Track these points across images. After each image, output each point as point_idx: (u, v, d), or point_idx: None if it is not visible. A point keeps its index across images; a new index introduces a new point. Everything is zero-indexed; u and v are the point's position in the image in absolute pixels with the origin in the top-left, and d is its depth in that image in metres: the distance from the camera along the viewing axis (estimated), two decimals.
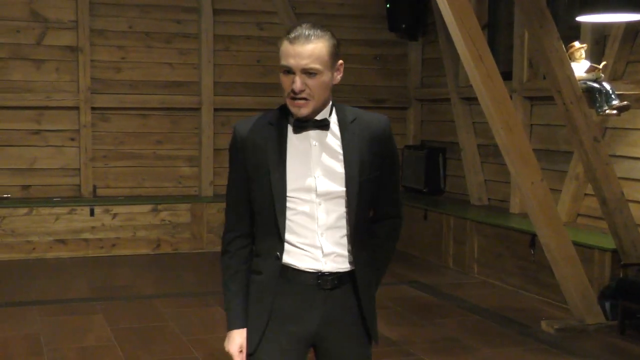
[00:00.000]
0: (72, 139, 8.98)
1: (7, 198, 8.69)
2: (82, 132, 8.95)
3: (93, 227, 8.59)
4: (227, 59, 9.46)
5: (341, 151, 2.51)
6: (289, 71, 2.43)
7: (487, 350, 5.48)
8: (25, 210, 8.43)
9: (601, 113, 5.90)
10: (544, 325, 5.94)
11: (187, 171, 9.39)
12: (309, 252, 2.51)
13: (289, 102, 2.47)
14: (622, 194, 6.07)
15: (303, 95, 2.44)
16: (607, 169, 5.99)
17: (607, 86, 5.86)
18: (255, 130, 2.52)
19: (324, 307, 2.54)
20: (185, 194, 9.33)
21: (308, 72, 2.42)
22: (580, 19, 5.96)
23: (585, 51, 6.23)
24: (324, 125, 2.51)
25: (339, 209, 2.51)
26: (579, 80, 5.91)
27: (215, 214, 8.94)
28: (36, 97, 8.80)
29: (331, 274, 2.52)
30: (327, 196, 2.50)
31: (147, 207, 8.80)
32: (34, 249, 8.42)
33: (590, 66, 6.02)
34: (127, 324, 6.02)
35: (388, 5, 9.68)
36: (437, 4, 5.63)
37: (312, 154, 2.50)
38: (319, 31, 2.44)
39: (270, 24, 9.58)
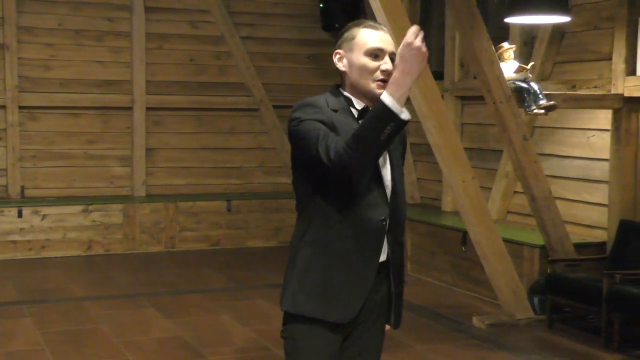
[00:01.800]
0: None
1: None
2: (9, 132, 8.73)
3: (21, 229, 8.39)
4: (160, 58, 9.36)
5: None
6: (376, 55, 2.55)
7: (420, 346, 5.55)
8: None
9: (529, 112, 6.03)
10: (475, 320, 6.04)
11: (119, 171, 9.26)
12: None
13: (374, 84, 2.55)
14: (550, 191, 6.21)
15: (389, 77, 2.50)
16: (536, 167, 6.13)
17: (535, 86, 5.99)
18: (327, 113, 2.53)
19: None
20: (117, 194, 9.19)
21: (391, 58, 2.56)
22: (509, 20, 6.09)
23: (514, 52, 6.36)
24: None
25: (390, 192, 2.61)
26: (508, 80, 6.03)
27: (148, 214, 8.84)
28: None
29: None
30: (384, 187, 2.59)
31: (78, 208, 8.64)
32: None
33: (519, 66, 6.14)
34: (57, 328, 5.90)
35: (322, 5, 9.71)
36: (370, 4, 5.67)
37: None
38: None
39: (203, 22, 9.51)
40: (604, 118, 6.41)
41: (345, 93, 2.62)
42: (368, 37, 2.57)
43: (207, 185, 9.53)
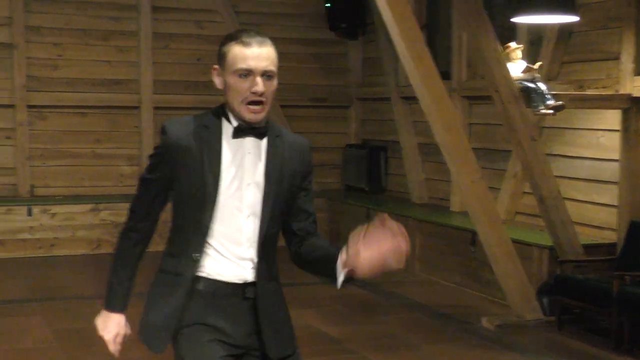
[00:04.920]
0: (8, 138, 8.79)
1: None
2: (19, 131, 8.76)
3: (31, 227, 8.41)
4: (166, 57, 9.38)
5: (265, 164, 2.50)
6: (246, 75, 2.40)
7: (428, 347, 5.55)
8: None
9: (537, 112, 6.02)
10: (484, 321, 6.03)
11: (127, 170, 9.28)
12: (235, 261, 2.49)
13: (244, 107, 2.42)
14: (559, 191, 6.20)
15: (262, 98, 2.42)
16: (544, 168, 6.12)
17: (542, 86, 5.99)
18: (189, 132, 2.47)
19: (250, 316, 2.52)
20: (125, 193, 9.20)
21: (267, 75, 2.42)
22: (516, 20, 6.08)
23: (522, 52, 6.36)
24: (261, 134, 2.49)
25: (259, 221, 2.50)
26: (516, 80, 6.02)
27: None
28: None
29: (254, 283, 2.51)
30: (253, 207, 2.49)
31: (86, 207, 8.66)
32: None
33: (527, 66, 6.14)
34: (67, 325, 5.92)
35: (328, 5, 9.71)
36: (376, 4, 5.67)
37: (245, 163, 2.48)
38: (265, 37, 2.45)
39: (210, 22, 9.52)
40: (613, 118, 6.39)
41: (227, 108, 2.49)
42: (237, 55, 2.40)
43: None
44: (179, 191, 2.51)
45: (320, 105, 9.85)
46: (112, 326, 2.58)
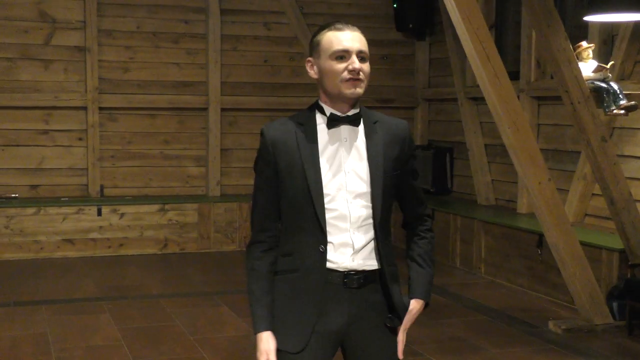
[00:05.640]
0: (80, 139, 9.01)
1: (15, 198, 8.73)
2: (90, 132, 8.97)
3: (101, 227, 8.61)
4: (234, 59, 9.48)
5: (366, 149, 2.56)
6: (342, 57, 2.50)
7: (494, 350, 5.48)
8: (33, 210, 8.46)
9: (609, 113, 5.89)
10: (551, 325, 5.93)
11: (195, 171, 9.41)
12: (340, 249, 2.54)
13: (343, 84, 2.50)
14: (630, 194, 6.05)
15: (359, 76, 2.51)
16: (615, 169, 5.98)
17: (614, 86, 5.85)
18: (285, 131, 2.55)
19: (350, 305, 2.56)
20: (192, 193, 9.35)
21: (361, 57, 2.52)
22: (588, 18, 5.96)
23: (593, 51, 6.22)
24: (356, 120, 2.57)
25: (366, 207, 2.55)
26: (587, 80, 5.90)
27: (222, 213, 8.96)
28: (44, 97, 8.84)
29: (357, 272, 2.55)
30: (354, 193, 2.54)
31: (154, 207, 8.82)
32: (42, 248, 8.45)
33: (598, 66, 6.01)
34: (134, 324, 6.04)
35: (395, 5, 9.68)
36: (444, 3, 5.62)
37: (343, 150, 2.55)
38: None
39: (277, 23, 9.59)
40: None
41: (320, 102, 2.59)
42: (332, 39, 2.52)
43: None
44: (284, 190, 2.56)
45: (386, 106, 9.80)
46: (262, 348, 2.55)
